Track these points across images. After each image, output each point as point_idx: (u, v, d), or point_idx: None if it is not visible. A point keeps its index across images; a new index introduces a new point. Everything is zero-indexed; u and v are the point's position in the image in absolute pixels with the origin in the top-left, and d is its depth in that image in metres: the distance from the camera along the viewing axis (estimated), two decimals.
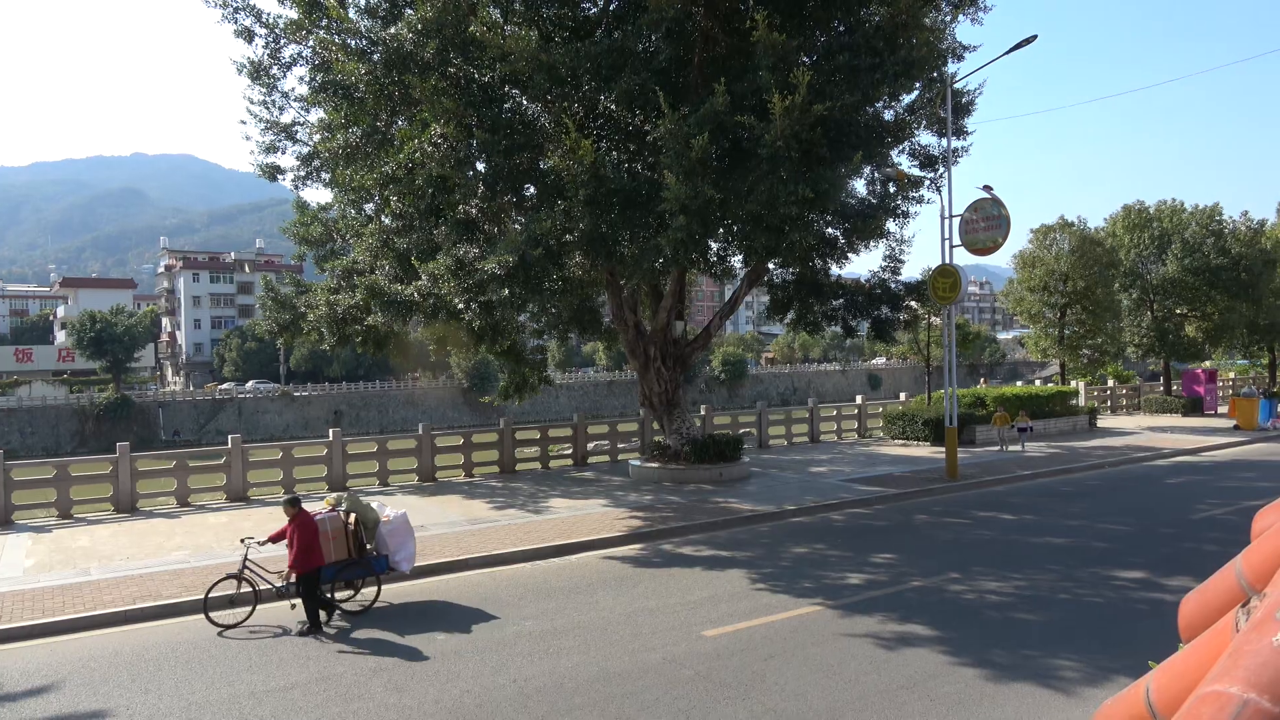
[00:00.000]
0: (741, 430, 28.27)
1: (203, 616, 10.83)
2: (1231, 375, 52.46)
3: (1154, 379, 47.77)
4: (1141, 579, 11.91)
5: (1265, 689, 0.87)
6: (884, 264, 23.63)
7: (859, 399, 33.81)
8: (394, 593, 12.11)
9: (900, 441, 29.06)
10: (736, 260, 22.12)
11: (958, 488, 20.16)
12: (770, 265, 22.35)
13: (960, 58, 22.46)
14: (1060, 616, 10.41)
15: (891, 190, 21.62)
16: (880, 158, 19.44)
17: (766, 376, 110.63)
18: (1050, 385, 37.89)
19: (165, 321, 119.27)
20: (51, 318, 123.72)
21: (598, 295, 23.80)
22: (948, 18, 21.16)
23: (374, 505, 12.22)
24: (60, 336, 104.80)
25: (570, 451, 25.42)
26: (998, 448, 26.31)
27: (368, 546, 11.78)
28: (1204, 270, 37.63)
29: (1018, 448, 26.59)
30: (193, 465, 20.04)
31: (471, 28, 16.28)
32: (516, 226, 18.79)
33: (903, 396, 33.70)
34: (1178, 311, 39.93)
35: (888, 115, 20.27)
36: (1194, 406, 38.43)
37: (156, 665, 9.43)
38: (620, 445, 26.28)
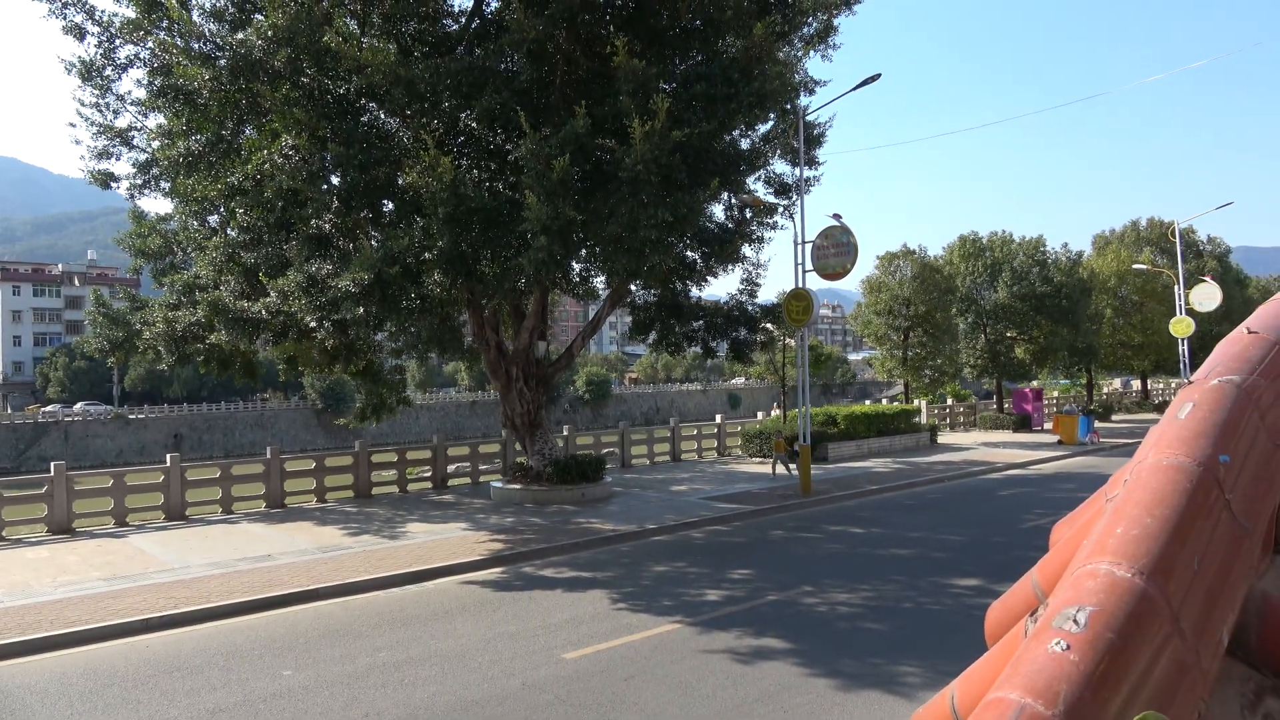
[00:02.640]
0: (605, 450, 28.38)
1: (17, 662, 9.89)
2: (1055, 394, 56.78)
3: (988, 397, 51.11)
4: (976, 586, 12.68)
5: (1040, 694, 0.95)
6: (742, 287, 24.38)
7: (719, 418, 34.62)
8: (240, 625, 11.45)
9: (758, 459, 29.88)
10: (599, 281, 22.31)
11: (812, 503, 20.89)
12: (632, 287, 22.63)
13: (812, 91, 23.59)
14: (904, 624, 10.93)
15: (748, 216, 22.37)
16: (737, 184, 20.07)
17: (630, 396, 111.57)
18: (895, 404, 39.94)
19: None
20: None
21: (459, 314, 23.41)
22: (800, 53, 22.19)
23: None
24: None
25: (430, 474, 24.80)
26: (774, 471, 25.58)
27: None
28: (1030, 296, 40.65)
29: (787, 472, 25.21)
30: (8, 495, 18.34)
31: (326, 38, 15.81)
32: (373, 243, 18.27)
33: (760, 415, 34.73)
34: (1008, 335, 42.92)
35: (744, 144, 21.01)
36: (1023, 423, 41.35)
37: None
38: (482, 467, 25.85)
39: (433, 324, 20.94)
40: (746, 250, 22.29)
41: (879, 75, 23.25)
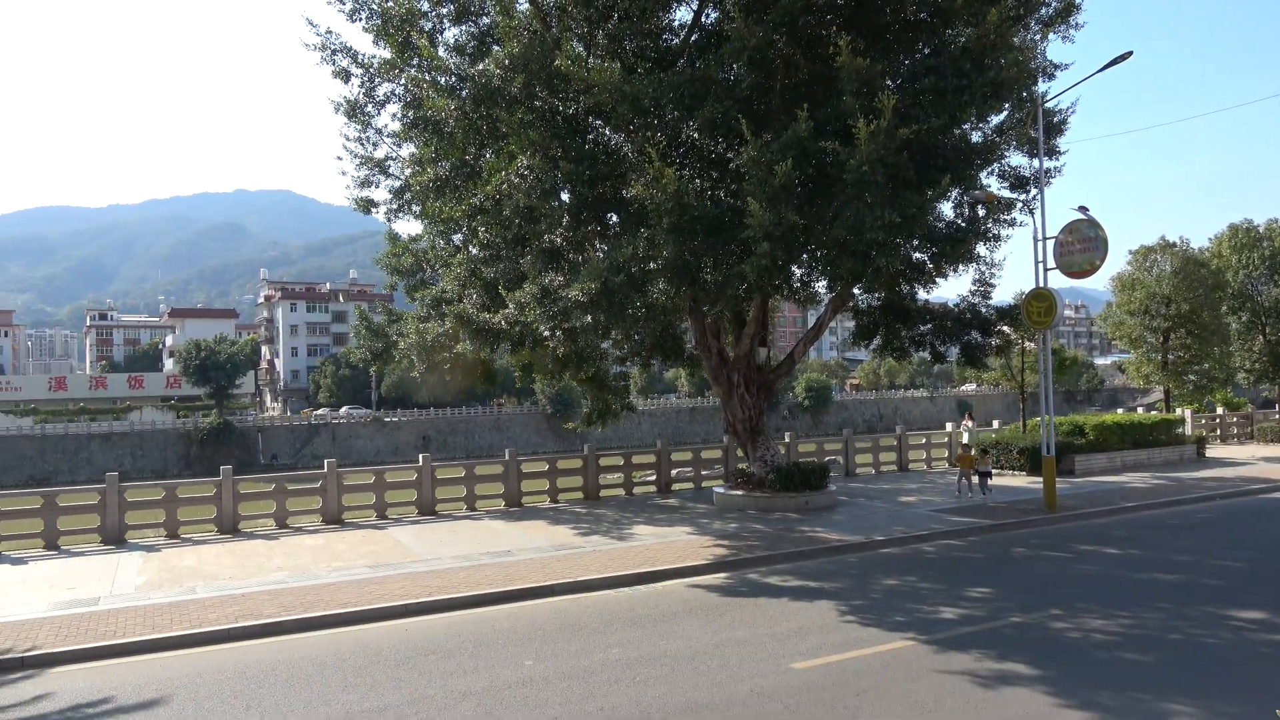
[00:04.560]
0: (827, 458, 27.82)
1: (302, 636, 11.15)
2: None
3: (1268, 406, 45.17)
4: (1262, 620, 11.22)
5: None
6: (974, 288, 23.06)
7: (949, 426, 32.92)
8: (485, 615, 12.27)
9: (994, 471, 28.12)
10: (821, 286, 21.91)
11: (1057, 519, 19.38)
12: (856, 291, 22.07)
13: (1051, 76, 21.93)
14: (1172, 658, 9.87)
15: (981, 213, 21.15)
16: (969, 180, 19.05)
17: (851, 403, 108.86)
18: (1153, 413, 36.23)
19: (264, 350, 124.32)
20: (161, 346, 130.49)
21: (680, 322, 23.86)
22: (1037, 36, 20.68)
23: None
24: (168, 364, 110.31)
25: (654, 478, 25.41)
26: (959, 493, 22.77)
27: None
28: None
29: (971, 494, 22.55)
30: (290, 488, 20.75)
31: (556, 62, 16.65)
32: (600, 254, 19.03)
33: (995, 424, 32.71)
34: None
35: (976, 137, 19.89)
36: None
37: (258, 683, 9.74)
38: (704, 472, 26.15)
39: (656, 331, 21.46)
40: (979, 249, 21.05)
41: (1129, 54, 21.20)
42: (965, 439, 25.72)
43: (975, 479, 22.54)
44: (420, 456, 22.59)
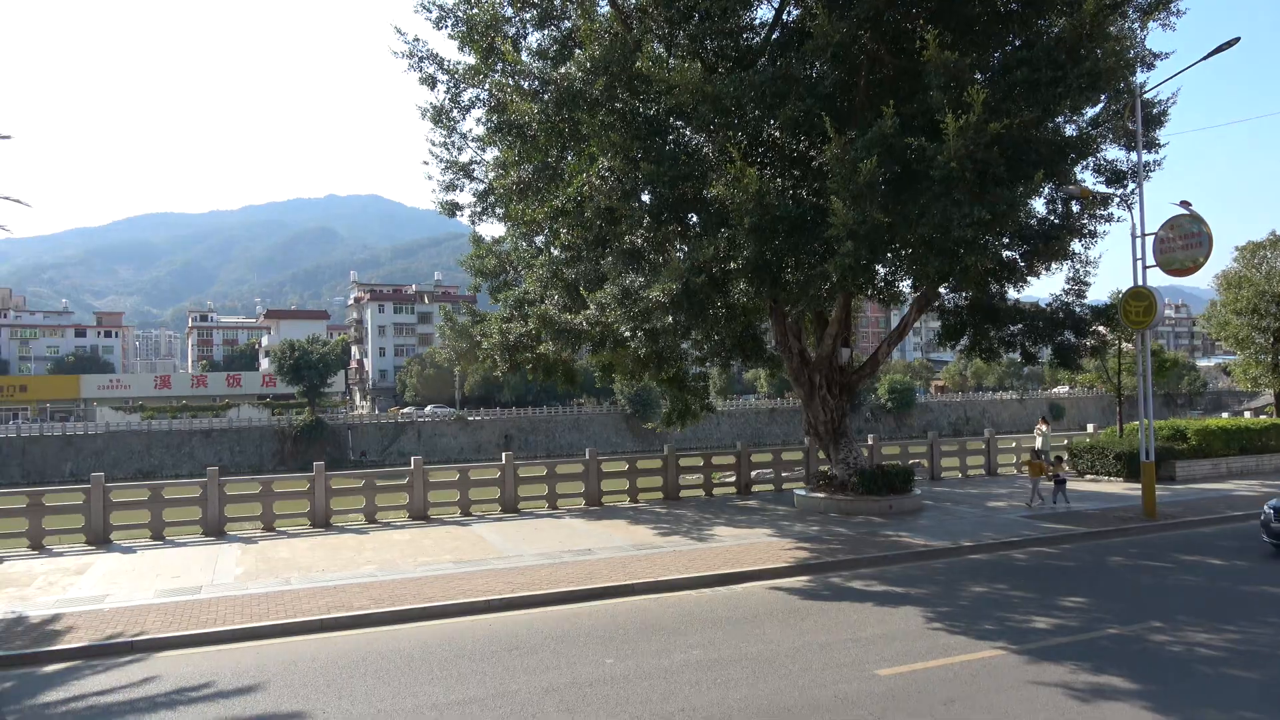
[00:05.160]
0: (911, 461, 27.25)
1: (390, 629, 11.45)
2: None
3: None
4: None
5: None
6: (1067, 287, 22.26)
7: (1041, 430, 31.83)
8: (566, 613, 12.41)
9: (1089, 476, 27.13)
10: (905, 285, 21.42)
11: (1156, 528, 18.56)
12: (942, 290, 21.56)
13: (1150, 66, 20.97)
14: None
15: (1075, 209, 20.42)
16: (1062, 175, 18.41)
17: (936, 405, 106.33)
18: (1263, 418, 34.35)
19: (354, 349, 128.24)
20: (257, 346, 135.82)
21: (761, 322, 23.69)
22: (1136, 25, 19.84)
23: None
24: (264, 364, 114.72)
25: (733, 479, 25.29)
26: (1030, 502, 21.41)
27: None
28: None
29: (1040, 501, 21.36)
30: (379, 485, 21.34)
31: (637, 63, 16.72)
32: (680, 255, 19.03)
33: (1090, 428, 31.50)
34: None
35: (1070, 130, 19.21)
36: None
37: (349, 673, 10.05)
38: (784, 474, 25.89)
39: (736, 332, 21.35)
40: (1074, 246, 20.33)
41: (1236, 39, 20.13)
42: (1038, 443, 24.70)
43: (1050, 486, 21.60)
44: (503, 455, 22.96)
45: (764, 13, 20.81)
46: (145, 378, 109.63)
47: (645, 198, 18.54)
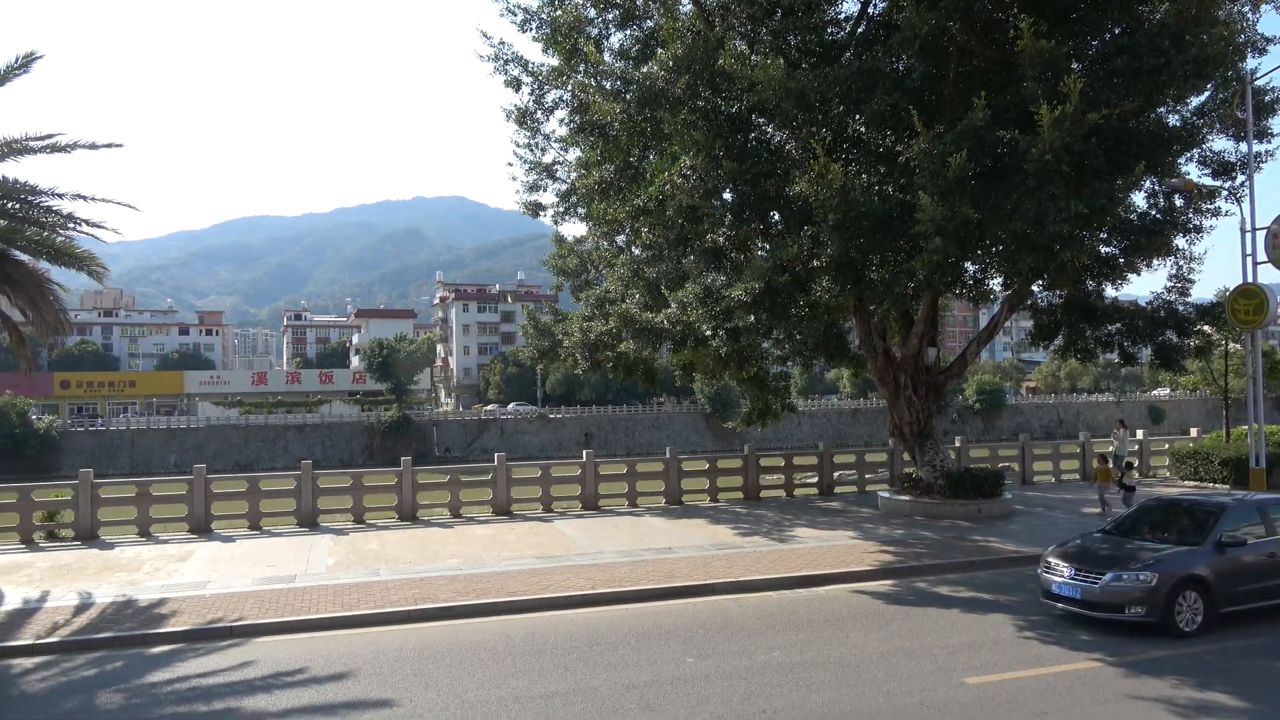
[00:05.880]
0: (1001, 464, 26.41)
1: (474, 621, 11.66)
2: None
3: None
4: None
5: None
6: (1169, 284, 21.23)
7: (1140, 433, 30.53)
8: (647, 610, 12.44)
9: (1192, 483, 25.86)
10: (996, 283, 20.81)
11: None
12: (1035, 288, 20.85)
13: (1262, 51, 19.81)
14: None
15: (1179, 203, 19.48)
16: (1165, 168, 17.61)
17: (1027, 407, 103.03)
18: None
19: (439, 348, 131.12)
20: (347, 344, 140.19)
21: (845, 321, 23.32)
22: (1246, 8, 18.81)
23: None
24: (354, 361, 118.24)
25: (815, 480, 24.95)
26: (1103, 511, 20.18)
27: None
28: None
29: (1106, 509, 20.17)
30: (463, 480, 21.77)
31: (720, 61, 16.63)
32: (762, 254, 18.87)
33: (1193, 432, 30.06)
34: None
35: (1173, 120, 18.32)
36: None
37: (435, 663, 10.28)
38: (867, 476, 25.42)
39: (819, 331, 21.03)
40: (1177, 242, 19.39)
41: None
42: (1114, 447, 23.52)
43: (1119, 494, 20.52)
44: (584, 453, 23.17)
45: (849, 6, 20.59)
46: (243, 374, 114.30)
47: (727, 196, 18.45)
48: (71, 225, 16.93)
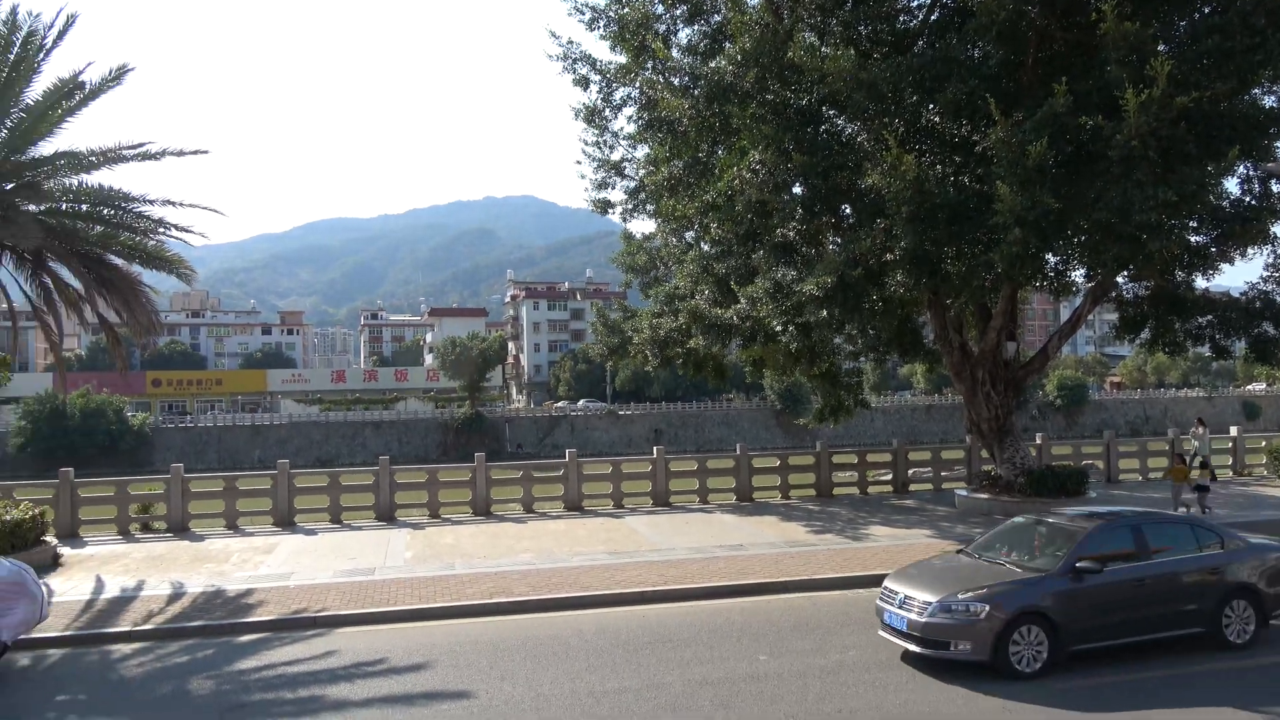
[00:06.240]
0: (1085, 462, 25.55)
1: (547, 615, 11.77)
2: None
3: None
4: None
5: None
6: (1266, 274, 20.24)
7: (1234, 430, 29.21)
8: (719, 607, 12.40)
9: None
10: (1078, 274, 20.12)
11: None
12: (1120, 279, 20.12)
13: None
14: None
15: (1275, 188, 18.56)
16: (1261, 152, 16.75)
17: (1111, 403, 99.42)
18: None
19: (510, 346, 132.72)
20: (421, 343, 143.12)
21: (919, 315, 22.87)
22: None
23: None
24: (428, 359, 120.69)
25: (889, 478, 24.53)
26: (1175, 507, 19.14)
27: None
28: None
29: (1183, 510, 18.89)
30: (536, 476, 22.02)
31: (789, 53, 16.46)
32: (834, 248, 18.63)
33: None
34: None
35: (1269, 102, 17.45)
36: None
37: (510, 656, 10.43)
38: (943, 473, 24.88)
39: (893, 325, 20.67)
40: (1275, 229, 18.48)
41: None
42: (1191, 445, 22.27)
43: (1194, 495, 19.51)
44: (654, 449, 23.20)
45: None
46: (323, 372, 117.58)
47: (797, 190, 18.25)
48: (161, 230, 17.68)
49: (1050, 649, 9.26)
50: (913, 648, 9.61)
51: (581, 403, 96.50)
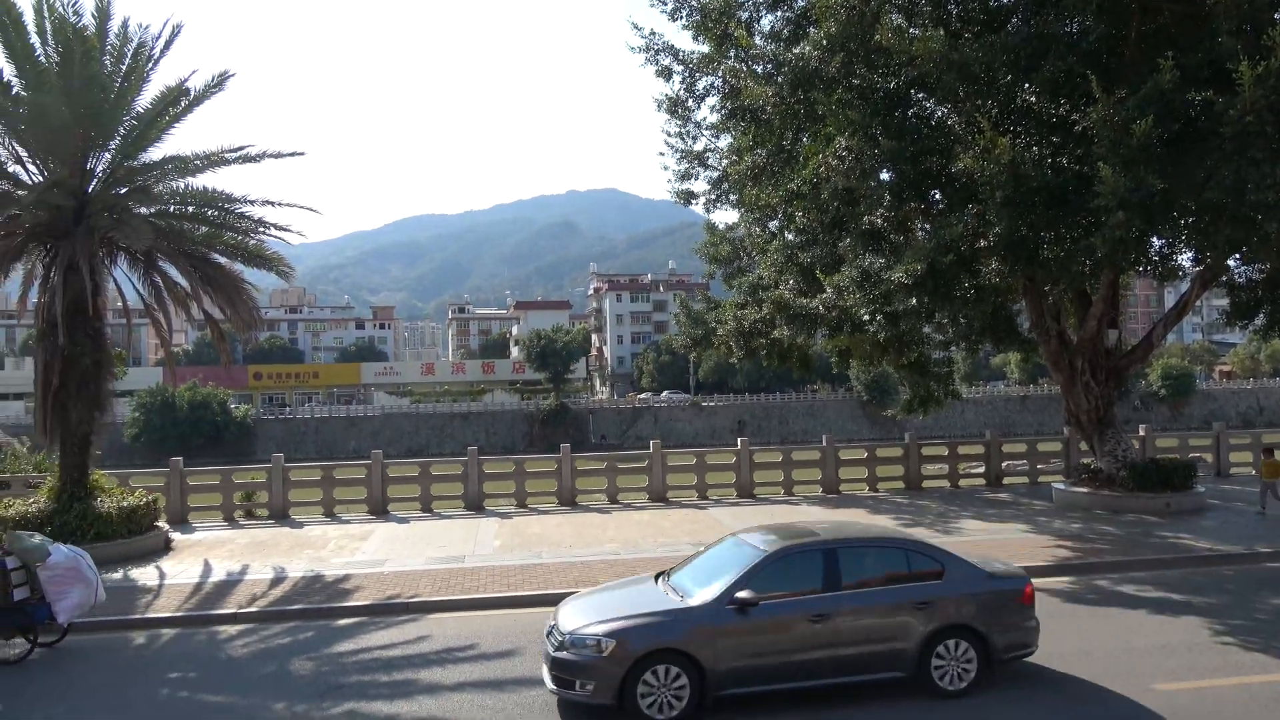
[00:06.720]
0: (1192, 455, 24.36)
1: None
2: None
3: None
4: None
5: None
6: None
7: None
8: None
9: None
10: (1185, 259, 19.12)
11: None
12: (1231, 263, 19.07)
13: None
14: None
15: None
16: None
17: (1220, 393, 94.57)
18: None
19: (594, 338, 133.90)
20: (507, 335, 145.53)
21: (1014, 303, 22.11)
22: None
23: (49, 546, 11.03)
24: (514, 351, 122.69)
25: (981, 470, 23.84)
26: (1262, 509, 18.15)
27: (20, 594, 10.69)
28: None
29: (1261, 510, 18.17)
30: (620, 467, 22.18)
31: (876, 36, 16.06)
32: (923, 234, 18.15)
33: None
34: None
35: None
36: None
37: None
38: (1039, 466, 24.06)
39: (986, 313, 20.04)
40: None
41: None
42: None
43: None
44: (738, 440, 23.08)
45: None
46: (413, 365, 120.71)
47: (885, 175, 17.80)
48: (262, 229, 18.42)
49: (692, 693, 7.98)
50: (549, 684, 8.46)
51: (664, 394, 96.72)
